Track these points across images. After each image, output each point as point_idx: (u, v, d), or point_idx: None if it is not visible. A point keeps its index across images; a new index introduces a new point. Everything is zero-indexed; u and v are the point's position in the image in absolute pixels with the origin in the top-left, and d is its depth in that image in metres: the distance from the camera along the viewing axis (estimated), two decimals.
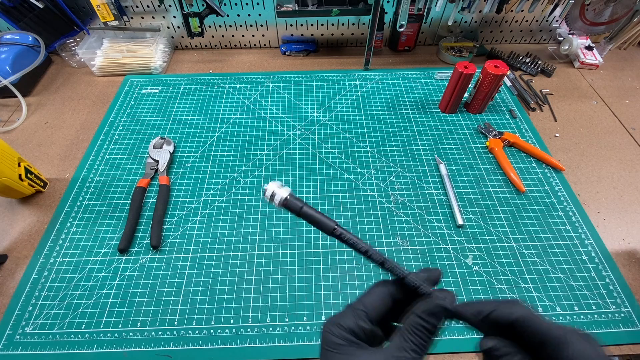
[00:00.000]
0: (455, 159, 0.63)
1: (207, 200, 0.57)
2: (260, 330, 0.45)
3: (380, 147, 0.65)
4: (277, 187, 0.26)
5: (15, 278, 0.49)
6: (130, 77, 0.79)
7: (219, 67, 0.83)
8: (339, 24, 0.83)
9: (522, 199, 0.57)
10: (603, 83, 0.79)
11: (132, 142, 0.66)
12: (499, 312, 0.23)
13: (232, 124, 0.69)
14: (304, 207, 0.25)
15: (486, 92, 0.65)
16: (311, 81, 0.78)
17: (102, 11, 0.75)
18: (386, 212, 0.56)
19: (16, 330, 0.44)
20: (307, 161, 0.62)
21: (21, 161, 0.54)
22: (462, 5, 0.73)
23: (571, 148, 0.66)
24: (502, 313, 0.23)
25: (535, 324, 0.22)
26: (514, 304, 0.23)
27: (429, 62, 0.84)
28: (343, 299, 0.47)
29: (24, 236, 0.54)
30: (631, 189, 0.59)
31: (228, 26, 0.84)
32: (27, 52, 0.74)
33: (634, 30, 0.81)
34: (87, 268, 0.50)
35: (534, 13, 0.82)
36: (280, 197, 0.25)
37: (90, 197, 0.57)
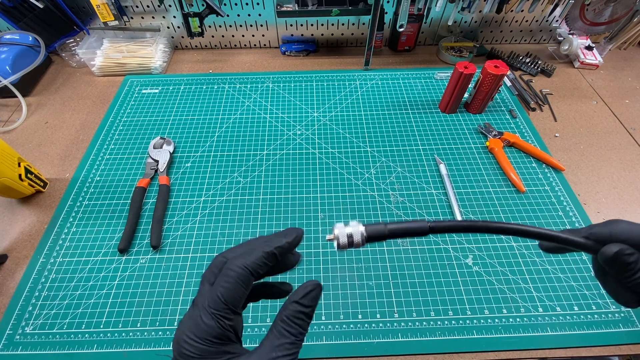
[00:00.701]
0: (455, 159, 0.63)
1: (207, 200, 0.57)
2: (260, 330, 0.45)
3: (380, 147, 0.65)
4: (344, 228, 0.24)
5: (15, 278, 0.49)
6: (130, 77, 0.79)
7: (219, 67, 0.83)
8: (339, 24, 0.83)
9: (522, 199, 0.57)
10: (603, 83, 0.79)
11: (132, 142, 0.66)
12: (597, 232, 0.23)
13: (232, 124, 0.69)
14: (387, 225, 0.24)
15: (486, 92, 0.65)
16: (311, 81, 0.78)
17: (102, 11, 0.75)
18: (386, 212, 0.56)
19: (16, 330, 0.44)
20: (307, 161, 0.62)
21: (21, 161, 0.54)
22: (462, 5, 0.73)
23: (571, 148, 0.66)
24: (602, 232, 0.23)
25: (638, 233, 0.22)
26: (611, 221, 0.23)
27: (429, 62, 0.84)
28: (343, 299, 0.47)
29: (24, 236, 0.54)
30: (631, 189, 0.59)
31: (228, 26, 0.84)
32: (27, 52, 0.74)
33: (634, 30, 0.81)
34: (87, 268, 0.50)
35: (534, 13, 0.82)
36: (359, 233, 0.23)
37: (90, 197, 0.57)
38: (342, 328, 0.45)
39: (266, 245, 0.22)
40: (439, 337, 0.44)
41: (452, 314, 0.46)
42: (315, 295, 0.23)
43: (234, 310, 0.21)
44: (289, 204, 0.57)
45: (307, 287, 0.22)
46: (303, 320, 0.22)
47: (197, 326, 0.20)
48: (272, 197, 0.57)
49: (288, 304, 0.22)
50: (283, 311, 0.22)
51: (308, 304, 0.22)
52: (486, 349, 0.43)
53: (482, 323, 0.45)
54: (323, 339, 0.44)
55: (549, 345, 0.44)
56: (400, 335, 0.44)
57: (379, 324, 0.45)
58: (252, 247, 0.22)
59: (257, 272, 0.22)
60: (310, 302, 0.22)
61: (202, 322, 0.20)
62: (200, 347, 0.19)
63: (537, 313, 0.46)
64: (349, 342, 0.44)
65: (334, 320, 0.45)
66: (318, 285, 0.23)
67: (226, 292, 0.20)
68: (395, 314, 0.46)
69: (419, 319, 0.45)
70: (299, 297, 0.22)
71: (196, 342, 0.19)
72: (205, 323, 0.19)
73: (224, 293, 0.20)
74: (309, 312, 0.22)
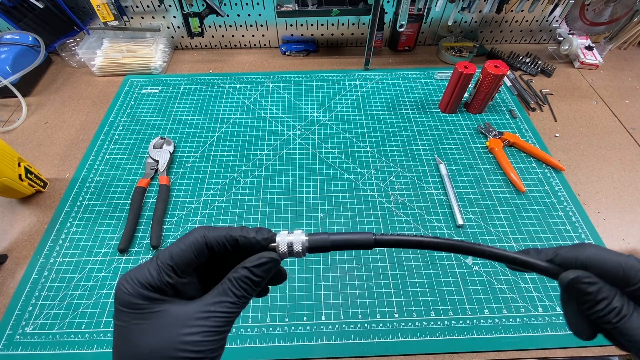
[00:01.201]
0: (455, 159, 0.63)
1: (207, 200, 0.57)
2: (260, 330, 0.45)
3: (380, 147, 0.65)
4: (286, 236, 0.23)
5: (15, 278, 0.49)
6: (130, 77, 0.79)
7: (219, 67, 0.83)
8: (339, 24, 0.83)
9: (522, 199, 0.57)
10: (603, 83, 0.79)
11: (132, 142, 0.66)
12: (563, 255, 0.21)
13: (232, 124, 0.69)
14: (330, 236, 0.23)
15: (486, 92, 0.65)
16: (311, 81, 0.78)
17: (102, 11, 0.75)
18: (386, 212, 0.56)
19: (16, 330, 0.44)
20: (307, 161, 0.62)
21: (21, 161, 0.54)
22: (462, 5, 0.73)
23: (571, 148, 0.66)
24: (568, 256, 0.21)
25: (611, 261, 0.20)
26: (579, 245, 0.22)
27: (429, 62, 0.84)
28: (343, 299, 0.47)
29: (24, 236, 0.54)
30: (631, 189, 0.59)
31: (228, 26, 0.84)
32: (27, 52, 0.74)
33: (634, 30, 0.81)
34: (87, 268, 0.50)
35: (534, 13, 0.82)
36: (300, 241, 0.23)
37: (90, 197, 0.57)
38: (342, 328, 0.45)
39: (236, 229, 0.23)
40: (439, 337, 0.44)
41: (452, 314, 0.46)
42: (268, 268, 0.23)
43: (176, 272, 0.21)
44: (289, 204, 0.57)
45: (262, 258, 0.22)
46: (249, 286, 0.22)
47: (141, 272, 0.21)
48: (272, 197, 0.57)
49: (239, 267, 0.22)
50: (232, 272, 0.22)
51: (258, 273, 0.22)
52: (486, 349, 0.43)
53: (482, 323, 0.45)
54: (323, 339, 0.44)
55: (549, 345, 0.44)
56: (400, 335, 0.44)
57: (379, 324, 0.45)
58: (227, 227, 0.23)
59: (212, 246, 0.22)
60: (261, 273, 0.22)
61: (147, 269, 0.21)
62: (137, 289, 0.21)
63: (537, 313, 0.46)
64: (349, 342, 0.44)
65: (334, 320, 0.45)
66: (274, 260, 0.23)
67: (176, 253, 0.22)
68: (395, 314, 0.46)
69: (419, 319, 0.45)
70: (252, 265, 0.22)
71: (134, 284, 0.21)
72: (148, 271, 0.21)
73: (173, 252, 0.22)
74: (257, 281, 0.22)
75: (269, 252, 0.23)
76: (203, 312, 0.21)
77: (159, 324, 0.20)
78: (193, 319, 0.21)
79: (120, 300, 0.21)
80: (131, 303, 0.21)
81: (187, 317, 0.21)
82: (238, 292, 0.22)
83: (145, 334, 0.20)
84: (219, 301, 0.21)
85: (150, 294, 0.21)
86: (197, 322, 0.21)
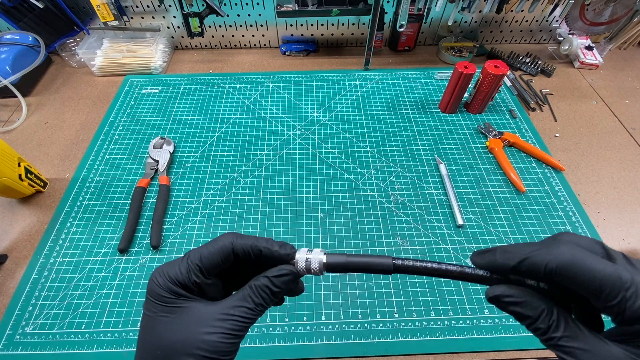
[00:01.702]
0: (455, 159, 0.63)
1: (207, 200, 0.57)
2: (260, 330, 0.45)
3: (380, 147, 0.65)
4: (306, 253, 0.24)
5: (15, 278, 0.49)
6: (130, 77, 0.79)
7: (219, 67, 0.83)
8: (339, 24, 0.83)
9: (522, 199, 0.57)
10: (603, 83, 0.78)
11: (132, 142, 0.66)
12: (532, 262, 0.19)
13: (232, 124, 0.69)
14: (348, 257, 0.23)
15: (486, 92, 0.65)
16: (311, 81, 0.78)
17: (102, 11, 0.75)
18: (386, 212, 0.56)
19: (16, 330, 0.44)
20: (307, 161, 0.62)
21: (21, 161, 0.54)
22: (462, 5, 0.73)
23: (571, 148, 0.66)
24: (537, 262, 0.19)
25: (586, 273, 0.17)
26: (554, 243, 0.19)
27: (429, 62, 0.84)
28: (343, 299, 0.47)
29: (24, 236, 0.54)
30: (631, 189, 0.59)
31: (228, 26, 0.84)
32: (27, 52, 0.74)
33: (634, 30, 0.81)
34: (87, 268, 0.50)
35: (534, 13, 0.82)
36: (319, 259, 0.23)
37: (90, 197, 0.57)
38: (342, 328, 0.45)
39: (262, 241, 0.24)
40: (439, 337, 0.44)
41: (452, 314, 0.46)
42: (288, 280, 0.24)
43: (203, 273, 0.23)
44: (289, 204, 0.57)
45: (282, 270, 0.24)
46: (267, 295, 0.23)
47: (173, 268, 0.23)
48: (272, 197, 0.57)
49: (261, 276, 0.24)
50: (254, 280, 0.24)
51: (278, 284, 0.23)
52: (486, 349, 0.43)
53: (482, 323, 0.45)
54: (323, 339, 0.44)
55: None
56: (400, 335, 0.44)
57: (379, 324, 0.45)
58: (254, 237, 0.24)
59: (237, 254, 0.23)
60: (281, 284, 0.23)
61: (178, 266, 0.23)
62: (167, 284, 0.22)
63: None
64: (349, 342, 0.44)
65: (334, 320, 0.45)
66: (293, 273, 0.24)
67: (206, 255, 0.23)
68: (395, 314, 0.46)
69: (419, 319, 0.45)
70: (272, 275, 0.23)
71: (165, 278, 0.22)
72: (179, 268, 0.23)
73: (203, 254, 0.23)
74: (276, 291, 0.23)
75: (289, 265, 0.24)
76: (223, 314, 0.22)
77: (182, 320, 0.22)
78: (213, 320, 0.22)
79: (151, 292, 0.23)
80: (161, 296, 0.22)
81: (208, 317, 0.22)
82: (257, 300, 0.23)
83: (169, 326, 0.22)
84: (239, 305, 0.23)
85: (179, 290, 0.22)
86: (217, 322, 0.22)
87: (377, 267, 0.23)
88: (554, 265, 0.18)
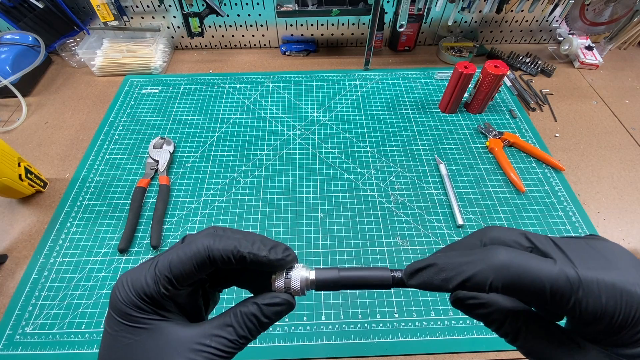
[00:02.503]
0: (455, 159, 0.63)
1: (207, 200, 0.57)
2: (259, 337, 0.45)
3: (380, 147, 0.65)
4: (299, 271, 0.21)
5: (15, 278, 0.49)
6: (130, 77, 0.79)
7: (219, 67, 0.83)
8: (339, 24, 0.83)
9: (522, 199, 0.57)
10: (603, 83, 0.78)
11: (132, 142, 0.66)
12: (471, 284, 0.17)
13: (232, 124, 0.69)
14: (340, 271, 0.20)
15: (486, 92, 0.65)
16: (311, 81, 0.78)
17: (102, 11, 0.75)
18: (386, 212, 0.56)
19: (16, 330, 0.44)
20: (307, 161, 0.62)
21: (21, 161, 0.54)
22: (462, 5, 0.73)
23: (571, 148, 0.66)
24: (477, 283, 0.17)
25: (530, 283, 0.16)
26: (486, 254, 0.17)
27: (429, 62, 0.84)
28: (343, 299, 0.47)
29: (24, 236, 0.54)
30: (631, 189, 0.59)
31: (228, 26, 0.84)
32: (27, 52, 0.74)
33: (634, 30, 0.81)
34: (87, 268, 0.50)
35: (534, 13, 0.82)
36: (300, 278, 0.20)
37: (90, 197, 0.57)
38: (342, 328, 0.45)
39: (247, 243, 0.20)
40: (439, 337, 0.44)
41: (452, 314, 0.46)
42: (280, 311, 0.20)
43: (174, 284, 0.19)
44: (289, 204, 0.57)
45: (275, 298, 0.20)
46: (254, 326, 0.20)
47: (137, 279, 0.19)
48: (272, 197, 0.57)
49: (250, 302, 0.20)
50: (241, 305, 0.20)
51: (268, 314, 0.20)
52: (486, 349, 0.43)
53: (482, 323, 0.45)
54: (323, 339, 0.44)
55: None
56: (400, 335, 0.44)
57: (379, 324, 0.45)
58: (239, 237, 0.20)
59: (215, 261, 0.19)
60: (272, 315, 0.20)
61: (144, 277, 0.19)
62: (131, 298, 0.18)
63: None
64: (349, 342, 0.44)
65: (334, 320, 0.45)
66: (288, 303, 0.20)
67: (175, 264, 0.19)
68: (395, 314, 0.46)
69: (419, 319, 0.45)
70: (263, 302, 0.20)
71: (129, 291, 0.19)
72: (145, 279, 0.19)
73: (173, 262, 0.19)
74: (265, 323, 0.20)
75: (286, 296, 0.20)
76: (197, 343, 0.18)
77: (146, 345, 0.18)
78: (184, 349, 0.18)
79: (112, 306, 0.19)
80: (123, 313, 0.18)
81: (178, 344, 0.18)
82: (240, 331, 0.19)
83: (131, 351, 0.18)
84: (217, 335, 0.19)
85: (145, 306, 0.19)
86: (188, 353, 0.18)
87: (374, 280, 0.20)
88: (498, 283, 0.16)
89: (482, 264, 0.17)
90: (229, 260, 0.19)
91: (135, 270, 0.19)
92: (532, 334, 0.18)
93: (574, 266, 0.16)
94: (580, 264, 0.16)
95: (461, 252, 0.18)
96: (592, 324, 0.16)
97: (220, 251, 0.19)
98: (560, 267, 0.16)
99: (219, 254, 0.19)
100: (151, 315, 0.19)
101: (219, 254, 0.19)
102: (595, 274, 0.16)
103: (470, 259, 0.17)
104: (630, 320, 0.15)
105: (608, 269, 0.16)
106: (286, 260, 0.20)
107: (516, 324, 0.18)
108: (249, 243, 0.19)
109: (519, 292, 0.16)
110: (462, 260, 0.17)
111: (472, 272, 0.17)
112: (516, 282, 0.16)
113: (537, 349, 0.18)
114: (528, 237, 0.18)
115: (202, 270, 0.19)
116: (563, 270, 0.16)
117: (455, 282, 0.17)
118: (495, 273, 0.16)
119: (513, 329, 0.18)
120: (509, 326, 0.18)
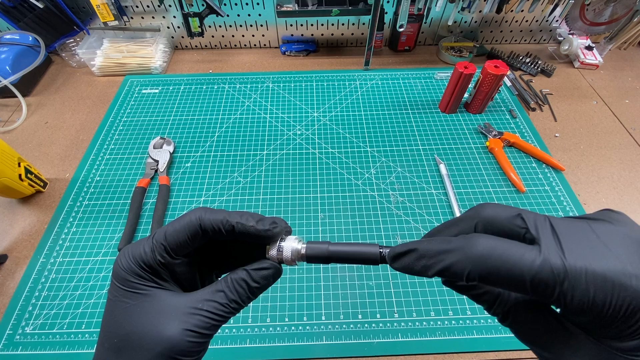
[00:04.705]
0: (455, 159, 0.63)
1: (207, 200, 0.57)
2: (260, 330, 0.45)
3: (380, 147, 0.65)
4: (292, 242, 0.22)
5: (15, 278, 0.49)
6: (130, 77, 0.79)
7: (219, 67, 0.83)
8: (339, 24, 0.83)
9: (522, 199, 0.57)
10: (603, 83, 0.78)
11: (132, 142, 0.66)
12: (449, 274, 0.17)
13: (232, 124, 0.69)
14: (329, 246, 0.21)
15: (486, 92, 0.65)
16: (311, 81, 0.78)
17: (102, 11, 0.75)
18: (386, 212, 0.56)
19: (16, 330, 0.44)
20: (307, 161, 0.62)
21: (21, 161, 0.54)
22: (462, 5, 0.73)
23: (571, 148, 0.66)
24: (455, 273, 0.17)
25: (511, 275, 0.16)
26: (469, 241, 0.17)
27: (429, 62, 0.84)
28: (343, 299, 0.47)
29: (24, 236, 0.54)
30: (631, 189, 0.59)
31: (228, 26, 0.84)
32: (27, 52, 0.74)
33: (634, 30, 0.81)
34: (87, 268, 0.50)
35: (534, 13, 0.82)
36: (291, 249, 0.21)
37: (90, 197, 0.57)
38: (342, 328, 0.45)
39: (236, 215, 0.21)
40: (439, 337, 0.44)
41: (452, 314, 0.46)
42: (268, 275, 0.21)
43: (169, 252, 0.21)
44: (289, 204, 0.57)
45: (263, 263, 0.21)
46: (244, 291, 0.21)
47: (137, 248, 0.21)
48: (272, 197, 0.57)
49: (240, 269, 0.22)
50: (231, 272, 0.22)
51: (257, 279, 0.21)
52: (486, 349, 0.43)
53: (482, 323, 0.45)
54: (323, 339, 0.44)
55: None
56: (400, 335, 0.44)
57: (379, 324, 0.45)
58: (230, 211, 0.22)
59: (207, 231, 0.21)
60: (260, 280, 0.21)
61: (142, 246, 0.21)
62: (131, 266, 0.20)
63: None
64: (349, 342, 0.44)
65: (334, 320, 0.45)
66: (275, 268, 0.22)
67: (170, 233, 0.21)
68: (395, 314, 0.46)
69: (419, 319, 0.45)
70: (252, 268, 0.21)
71: (129, 260, 0.20)
72: (143, 248, 0.21)
73: (168, 232, 0.21)
74: (254, 287, 0.21)
75: (273, 262, 0.22)
76: (191, 307, 0.20)
77: (142, 309, 0.20)
78: (178, 313, 0.20)
79: (115, 274, 0.21)
80: (124, 279, 0.20)
81: (173, 308, 0.20)
82: (231, 295, 0.21)
83: (128, 313, 0.20)
84: (209, 299, 0.20)
85: (143, 273, 0.20)
86: (182, 317, 0.19)
87: (363, 255, 0.21)
88: (475, 274, 0.16)
89: (461, 253, 0.16)
90: (219, 230, 0.21)
91: (135, 242, 0.21)
92: (521, 318, 0.18)
93: (562, 255, 0.15)
94: (572, 251, 0.15)
95: (443, 238, 0.18)
96: (580, 315, 0.16)
97: (210, 221, 0.20)
98: (545, 257, 0.15)
99: (209, 224, 0.20)
100: (149, 283, 0.20)
101: (209, 224, 0.20)
102: (585, 264, 0.15)
103: (450, 246, 0.17)
104: (621, 313, 0.15)
105: (603, 257, 0.15)
106: (273, 232, 0.21)
107: (505, 306, 0.18)
108: (237, 215, 0.21)
109: (498, 283, 0.16)
110: (441, 248, 0.17)
111: (450, 262, 0.17)
112: (493, 274, 0.16)
113: (524, 331, 0.18)
114: (523, 218, 0.18)
115: (194, 239, 0.21)
116: (548, 260, 0.15)
117: (434, 270, 0.17)
118: (472, 264, 0.16)
119: (503, 311, 0.18)
120: (498, 308, 0.18)
